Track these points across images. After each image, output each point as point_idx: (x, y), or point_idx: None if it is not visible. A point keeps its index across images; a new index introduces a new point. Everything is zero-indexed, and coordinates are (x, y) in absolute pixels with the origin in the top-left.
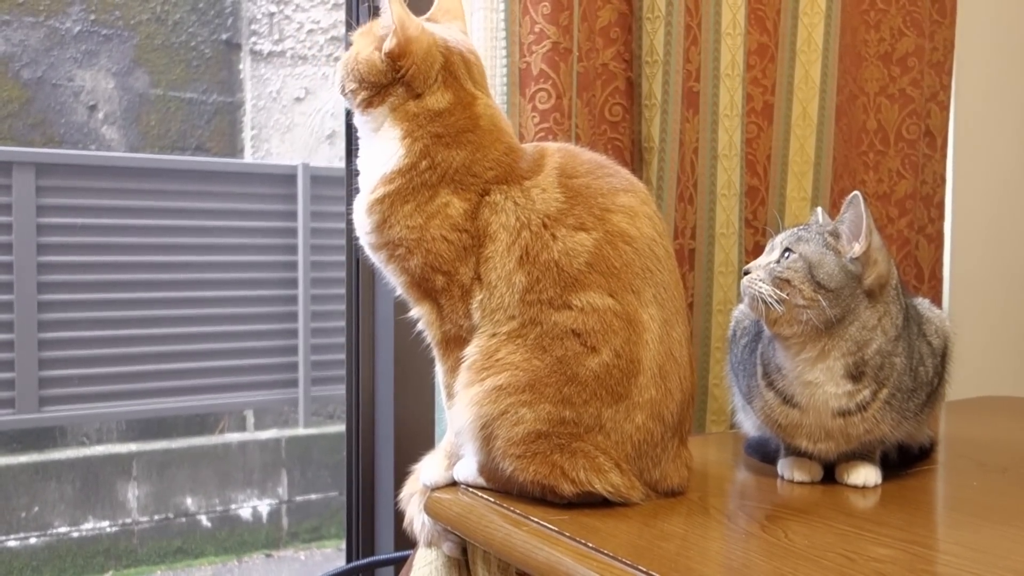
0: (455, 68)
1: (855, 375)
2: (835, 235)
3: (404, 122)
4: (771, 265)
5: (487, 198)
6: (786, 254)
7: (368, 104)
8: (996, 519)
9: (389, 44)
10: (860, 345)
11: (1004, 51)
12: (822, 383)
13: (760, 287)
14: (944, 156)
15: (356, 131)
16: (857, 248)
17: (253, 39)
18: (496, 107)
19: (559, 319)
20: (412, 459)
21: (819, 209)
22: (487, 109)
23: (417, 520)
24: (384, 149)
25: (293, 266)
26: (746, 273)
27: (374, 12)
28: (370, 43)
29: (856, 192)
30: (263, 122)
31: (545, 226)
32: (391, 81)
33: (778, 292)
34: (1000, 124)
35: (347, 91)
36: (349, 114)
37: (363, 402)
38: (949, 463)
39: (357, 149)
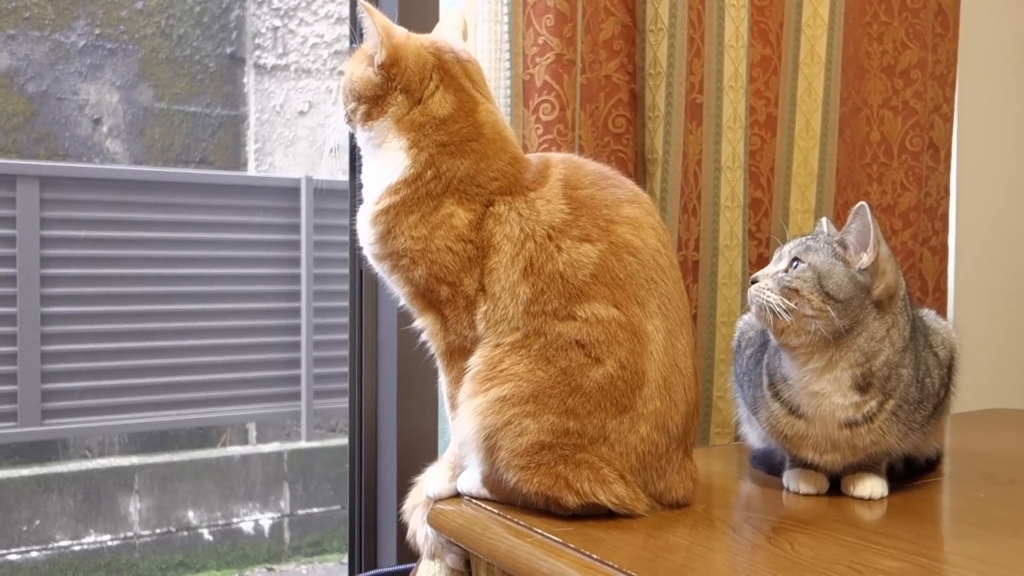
0: (449, 66)
1: (862, 386)
2: (843, 245)
3: (410, 132)
4: (779, 274)
5: (491, 209)
6: (794, 264)
7: (368, 117)
8: (1003, 531)
9: (380, 56)
10: (868, 356)
11: (1007, 63)
12: (829, 394)
13: (768, 296)
14: (948, 168)
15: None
16: (865, 258)
17: (257, 53)
18: (498, 113)
19: (563, 330)
20: (415, 471)
21: (824, 219)
22: (489, 116)
23: (420, 532)
24: (389, 161)
25: (296, 279)
26: (754, 282)
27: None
28: (360, 63)
29: (863, 202)
30: (267, 135)
31: (550, 237)
32: (388, 91)
33: (786, 302)
34: (1003, 136)
35: (347, 112)
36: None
37: (366, 414)
38: (956, 475)
39: (361, 162)
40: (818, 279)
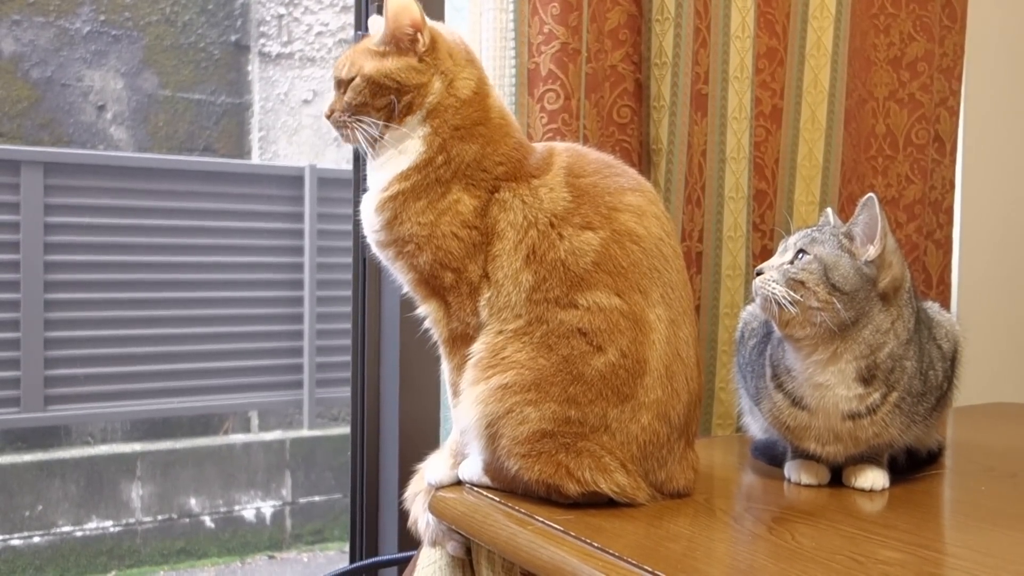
0: (461, 47)
1: (866, 378)
2: (849, 237)
3: (434, 119)
4: (785, 266)
5: (496, 195)
6: (800, 255)
7: (409, 109)
8: (1005, 523)
9: (424, 40)
10: (873, 348)
11: (1014, 57)
12: (832, 386)
13: (774, 288)
14: (953, 161)
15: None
16: (872, 250)
17: (262, 41)
18: (501, 100)
19: (565, 318)
20: (417, 459)
21: (829, 210)
22: (496, 101)
23: (421, 519)
24: (405, 149)
25: (299, 267)
26: (759, 274)
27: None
28: (377, 60)
29: (871, 194)
30: (271, 124)
31: (552, 225)
32: (430, 76)
33: (792, 294)
34: (1009, 130)
35: (380, 108)
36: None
37: (368, 402)
38: (957, 468)
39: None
40: (824, 271)
